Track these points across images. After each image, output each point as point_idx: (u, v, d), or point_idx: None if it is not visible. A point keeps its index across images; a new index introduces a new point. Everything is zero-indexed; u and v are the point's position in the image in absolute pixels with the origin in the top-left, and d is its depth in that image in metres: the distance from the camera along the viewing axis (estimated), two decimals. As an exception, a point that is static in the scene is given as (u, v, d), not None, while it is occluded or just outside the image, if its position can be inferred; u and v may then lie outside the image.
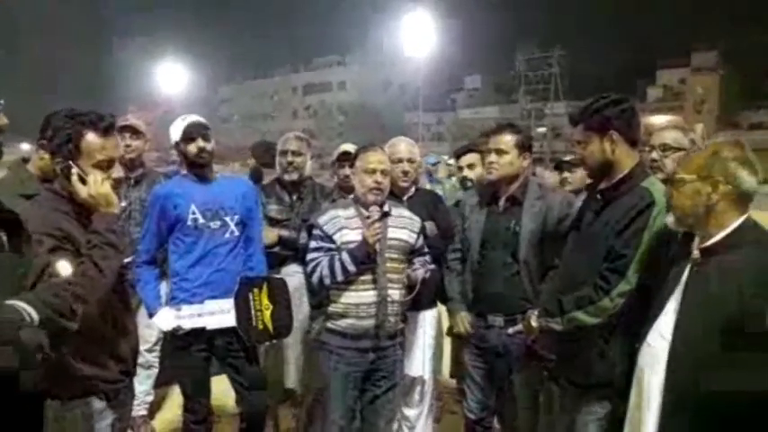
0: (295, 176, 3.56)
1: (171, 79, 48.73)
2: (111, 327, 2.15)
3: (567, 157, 3.98)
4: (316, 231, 2.90)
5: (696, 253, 1.99)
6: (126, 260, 2.27)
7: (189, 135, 2.93)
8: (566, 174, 3.85)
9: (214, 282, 2.94)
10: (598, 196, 2.44)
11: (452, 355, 3.86)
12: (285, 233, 3.43)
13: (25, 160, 3.18)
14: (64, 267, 1.86)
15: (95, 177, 2.03)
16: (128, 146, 3.66)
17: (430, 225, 3.24)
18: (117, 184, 2.14)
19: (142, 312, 3.27)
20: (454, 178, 9.37)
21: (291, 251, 3.43)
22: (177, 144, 2.97)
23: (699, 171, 1.94)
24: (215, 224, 2.95)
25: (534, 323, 2.52)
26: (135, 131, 3.72)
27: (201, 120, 3.03)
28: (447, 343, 3.68)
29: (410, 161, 3.33)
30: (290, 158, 3.56)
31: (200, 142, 2.93)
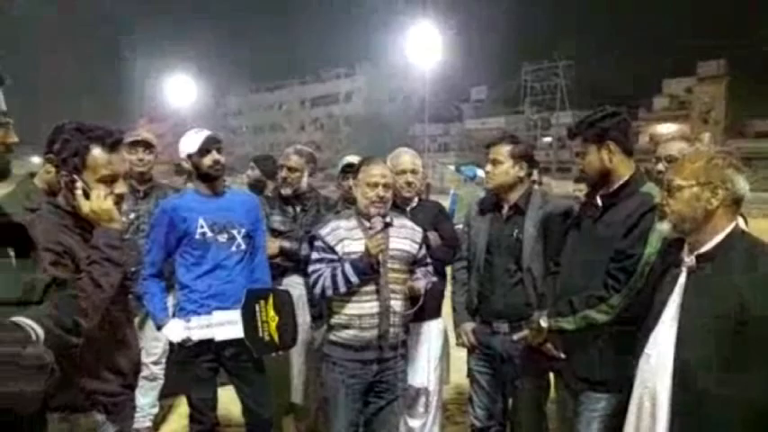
0: (289, 191, 3.65)
1: (180, 91, 49.05)
2: (111, 340, 2.14)
3: None
4: (317, 243, 2.91)
5: (691, 259, 2.01)
6: (133, 269, 2.27)
7: (205, 147, 2.95)
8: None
9: (222, 293, 2.95)
10: (598, 202, 2.56)
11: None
12: (286, 244, 3.46)
13: (33, 175, 3.21)
14: None
15: (98, 192, 2.03)
16: (140, 159, 3.69)
17: (433, 236, 3.24)
18: (120, 200, 2.13)
19: (149, 325, 3.27)
20: (479, 189, 9.40)
21: (293, 262, 3.44)
22: (190, 156, 2.98)
23: (697, 177, 1.97)
24: (222, 237, 2.97)
25: (544, 324, 2.58)
26: (148, 145, 3.74)
27: (215, 133, 3.06)
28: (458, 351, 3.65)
29: (413, 172, 3.34)
30: (284, 174, 3.65)
31: (215, 155, 2.97)
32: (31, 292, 1.60)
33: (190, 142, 2.99)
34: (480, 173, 9.99)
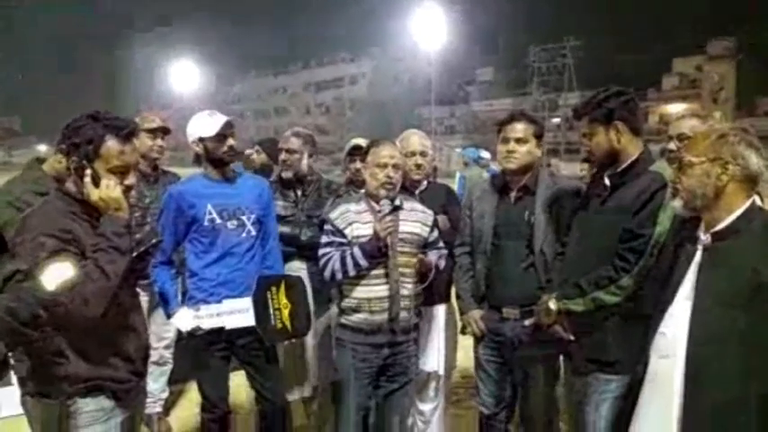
0: (289, 174, 3.58)
1: (183, 76, 48.94)
2: (118, 326, 2.13)
3: None
4: (327, 226, 2.89)
5: (707, 237, 1.98)
6: (154, 240, 2.27)
7: (223, 133, 2.87)
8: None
9: (232, 281, 2.90)
10: (606, 182, 2.52)
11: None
12: (286, 230, 3.40)
13: (39, 160, 3.20)
14: (54, 273, 1.81)
15: (108, 181, 2.02)
16: (160, 146, 3.65)
17: (443, 219, 3.21)
18: (129, 190, 2.11)
19: (161, 310, 3.24)
20: (485, 171, 9.33)
21: (293, 248, 3.40)
22: (202, 140, 2.89)
23: (707, 153, 1.94)
24: (232, 224, 2.91)
25: (553, 306, 2.55)
26: (166, 132, 3.70)
27: (232, 118, 2.99)
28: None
29: (422, 154, 3.30)
30: (283, 156, 3.59)
31: (230, 140, 2.90)
32: None
33: (204, 125, 2.89)
34: (484, 154, 9.92)
